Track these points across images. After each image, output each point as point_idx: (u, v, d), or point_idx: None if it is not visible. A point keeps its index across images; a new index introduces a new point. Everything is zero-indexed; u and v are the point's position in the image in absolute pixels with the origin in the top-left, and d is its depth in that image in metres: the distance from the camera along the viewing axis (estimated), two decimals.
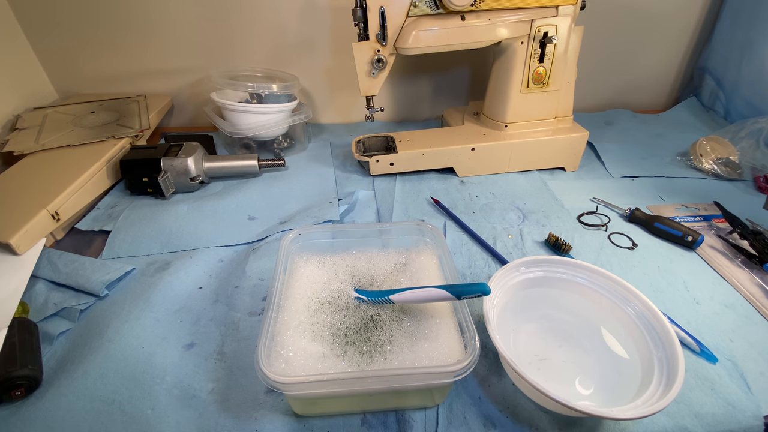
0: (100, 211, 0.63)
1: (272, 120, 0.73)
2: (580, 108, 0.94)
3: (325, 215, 0.61)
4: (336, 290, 0.41)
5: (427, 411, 0.38)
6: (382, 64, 0.62)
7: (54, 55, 0.82)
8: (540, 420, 0.37)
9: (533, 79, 0.67)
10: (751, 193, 0.68)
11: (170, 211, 0.62)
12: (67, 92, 0.86)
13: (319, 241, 0.46)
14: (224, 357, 0.42)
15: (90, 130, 0.71)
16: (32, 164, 0.64)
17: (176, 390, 0.39)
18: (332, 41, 0.83)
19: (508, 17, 0.61)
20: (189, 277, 0.51)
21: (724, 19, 0.85)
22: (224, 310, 0.47)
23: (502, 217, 0.62)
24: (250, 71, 0.82)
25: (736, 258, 0.54)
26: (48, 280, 0.50)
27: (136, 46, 0.82)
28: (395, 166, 0.70)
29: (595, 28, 0.81)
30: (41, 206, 0.54)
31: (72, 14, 0.77)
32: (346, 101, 0.91)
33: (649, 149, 0.79)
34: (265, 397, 0.38)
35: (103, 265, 0.51)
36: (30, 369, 0.38)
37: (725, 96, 0.87)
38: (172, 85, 0.87)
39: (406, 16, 0.59)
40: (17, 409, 0.37)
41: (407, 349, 0.36)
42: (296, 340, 0.36)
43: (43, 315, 0.46)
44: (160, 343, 0.43)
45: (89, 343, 0.43)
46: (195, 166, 0.65)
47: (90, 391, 0.39)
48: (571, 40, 0.65)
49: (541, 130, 0.71)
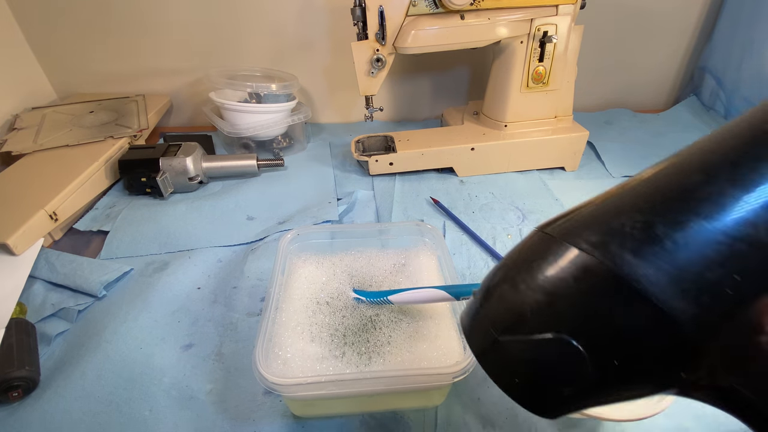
0: (98, 211, 0.63)
1: (271, 120, 0.73)
2: (580, 107, 0.93)
3: (324, 215, 0.60)
4: (335, 291, 0.41)
5: (426, 412, 0.37)
6: (381, 64, 0.62)
7: (52, 54, 0.82)
8: (539, 421, 0.37)
9: (533, 79, 0.67)
10: None
11: (169, 211, 0.62)
12: (66, 92, 0.86)
13: (317, 242, 0.46)
14: (222, 358, 0.42)
15: (88, 129, 0.71)
16: (30, 164, 0.63)
17: (174, 391, 0.39)
18: (331, 41, 0.83)
19: (508, 16, 0.61)
20: (187, 278, 0.51)
21: (724, 18, 0.85)
22: (222, 310, 0.47)
23: (501, 217, 0.62)
24: (248, 71, 0.81)
25: None
26: (46, 280, 0.50)
27: (135, 46, 0.81)
28: (394, 165, 0.70)
29: (595, 28, 0.81)
30: (39, 206, 0.54)
31: (71, 14, 0.77)
32: (346, 101, 0.91)
33: (649, 149, 0.79)
34: (263, 398, 0.38)
35: (101, 266, 0.51)
36: (27, 370, 0.38)
37: (725, 95, 0.86)
38: (170, 85, 0.87)
39: (405, 15, 0.59)
40: (14, 411, 0.37)
41: (406, 350, 0.36)
42: (294, 341, 0.36)
43: (41, 316, 0.46)
44: (158, 343, 0.43)
45: (87, 343, 0.43)
46: (194, 165, 0.65)
47: (88, 392, 0.38)
48: (570, 39, 0.64)
49: (541, 130, 0.71)
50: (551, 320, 0.16)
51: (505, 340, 0.17)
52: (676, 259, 0.14)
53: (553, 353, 0.16)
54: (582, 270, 0.16)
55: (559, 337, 0.16)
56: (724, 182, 0.15)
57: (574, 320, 0.16)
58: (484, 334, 0.18)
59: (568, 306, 0.16)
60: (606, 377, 0.16)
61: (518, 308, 0.17)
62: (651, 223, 0.15)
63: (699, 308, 0.14)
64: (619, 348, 0.15)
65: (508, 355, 0.17)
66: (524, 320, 0.17)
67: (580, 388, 0.16)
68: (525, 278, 0.17)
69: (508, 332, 0.17)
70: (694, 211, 0.15)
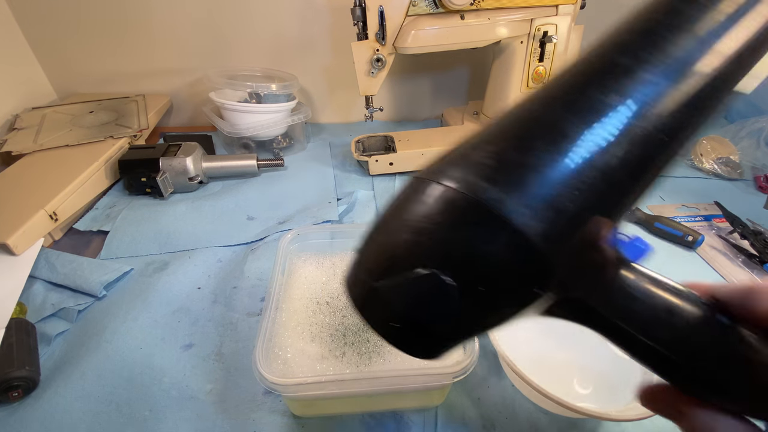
0: (98, 211, 0.63)
1: (271, 120, 0.73)
2: None
3: (324, 215, 0.60)
4: (335, 291, 0.41)
5: (426, 412, 0.37)
6: (382, 64, 0.62)
7: (53, 54, 0.82)
8: (539, 421, 0.37)
9: (533, 79, 0.67)
10: (751, 192, 0.68)
11: (169, 211, 0.62)
12: (66, 92, 0.86)
13: (317, 242, 0.46)
14: (222, 358, 0.42)
15: (88, 129, 0.71)
16: (30, 164, 0.63)
17: (174, 391, 0.39)
18: (331, 41, 0.83)
19: (508, 16, 0.61)
20: (187, 278, 0.51)
21: None
22: (223, 310, 0.47)
23: None
24: (248, 71, 0.81)
25: (737, 258, 0.54)
26: (46, 280, 0.50)
27: (135, 46, 0.81)
28: (395, 165, 0.70)
29: (595, 28, 0.80)
30: (39, 206, 0.54)
31: (71, 14, 0.77)
32: (346, 101, 0.91)
33: None
34: (264, 398, 0.38)
35: (102, 266, 0.51)
36: (27, 370, 0.38)
37: None
38: (170, 85, 0.87)
39: (405, 15, 0.59)
40: (14, 411, 0.37)
41: None
42: (295, 341, 0.36)
43: (41, 315, 0.46)
44: (158, 343, 0.43)
45: (87, 343, 0.43)
46: (194, 165, 0.65)
47: (88, 392, 0.38)
48: (571, 39, 0.65)
49: None
50: (420, 257, 0.16)
51: (379, 285, 0.17)
52: (523, 182, 0.16)
53: (425, 290, 0.16)
54: (443, 202, 0.16)
55: (428, 273, 0.16)
56: (560, 110, 0.17)
57: (440, 253, 0.16)
58: (362, 284, 0.18)
59: (434, 241, 0.16)
60: (475, 305, 0.16)
61: (389, 251, 0.17)
62: (502, 151, 0.17)
63: (545, 223, 0.15)
64: (482, 273, 0.16)
65: (384, 300, 0.17)
66: (395, 262, 0.17)
67: (454, 321, 0.17)
68: (395, 221, 0.18)
69: (382, 277, 0.17)
70: (537, 138, 0.16)
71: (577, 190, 0.16)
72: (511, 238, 0.15)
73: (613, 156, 0.16)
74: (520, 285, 0.16)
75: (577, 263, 0.17)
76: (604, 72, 0.17)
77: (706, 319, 0.18)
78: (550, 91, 0.18)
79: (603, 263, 0.18)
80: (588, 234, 0.16)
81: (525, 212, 0.15)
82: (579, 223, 0.16)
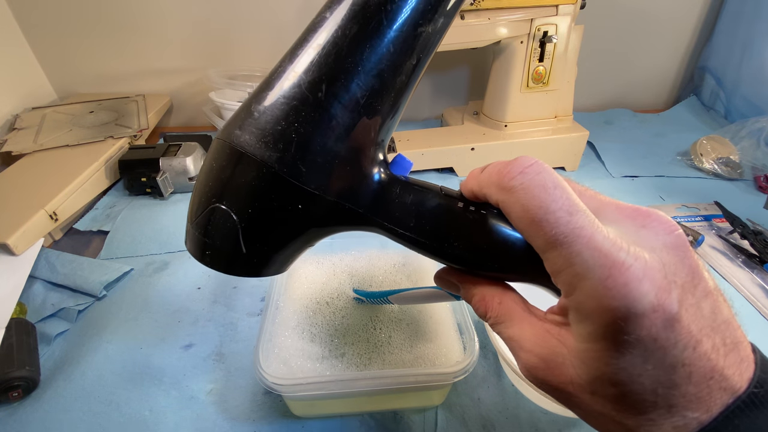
0: (98, 211, 0.63)
1: None
2: (580, 107, 0.93)
3: None
4: (335, 291, 0.41)
5: (426, 412, 0.37)
6: None
7: (52, 54, 0.82)
8: (540, 421, 0.37)
9: (533, 79, 0.67)
10: (751, 192, 0.68)
11: (169, 211, 0.62)
12: (66, 92, 0.86)
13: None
14: (222, 358, 0.42)
15: (88, 129, 0.71)
16: (30, 164, 0.63)
17: (174, 391, 0.39)
18: None
19: (508, 16, 0.61)
20: (187, 278, 0.51)
21: (724, 18, 0.85)
22: (223, 310, 0.47)
23: None
24: (249, 71, 0.81)
25: (737, 258, 0.54)
26: (46, 280, 0.50)
27: (135, 46, 0.82)
28: None
29: (595, 28, 0.80)
30: (39, 206, 0.54)
31: (71, 14, 0.77)
32: None
33: (649, 149, 0.79)
34: (264, 398, 0.38)
35: (102, 266, 0.51)
36: (27, 370, 0.38)
37: (726, 95, 0.86)
38: (171, 85, 0.87)
39: None
40: (14, 411, 0.37)
41: (406, 350, 0.36)
42: (295, 341, 0.36)
43: (41, 316, 0.46)
44: (158, 343, 0.43)
45: (87, 343, 0.43)
46: (194, 165, 0.65)
47: (88, 392, 0.38)
48: (571, 39, 0.64)
49: (541, 130, 0.71)
50: (208, 197, 0.22)
51: (194, 224, 0.23)
52: (259, 124, 0.21)
53: (217, 221, 0.22)
54: (218, 152, 0.22)
55: (213, 207, 0.22)
56: (285, 62, 0.22)
57: (220, 190, 0.22)
58: (191, 234, 0.23)
59: (214, 181, 0.22)
60: (254, 226, 0.22)
61: (196, 199, 0.23)
62: (251, 103, 0.22)
63: (279, 152, 0.21)
64: (246, 200, 0.21)
65: (198, 235, 0.23)
66: (197, 204, 0.23)
67: (247, 242, 0.22)
68: (200, 174, 0.23)
69: (194, 219, 0.23)
70: (268, 88, 0.22)
71: (296, 122, 0.21)
72: (259, 169, 0.21)
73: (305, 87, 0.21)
74: (277, 202, 0.21)
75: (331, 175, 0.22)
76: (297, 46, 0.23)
77: (452, 209, 0.22)
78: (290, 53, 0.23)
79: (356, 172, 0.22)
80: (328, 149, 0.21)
81: (262, 146, 0.21)
82: (304, 143, 0.21)
